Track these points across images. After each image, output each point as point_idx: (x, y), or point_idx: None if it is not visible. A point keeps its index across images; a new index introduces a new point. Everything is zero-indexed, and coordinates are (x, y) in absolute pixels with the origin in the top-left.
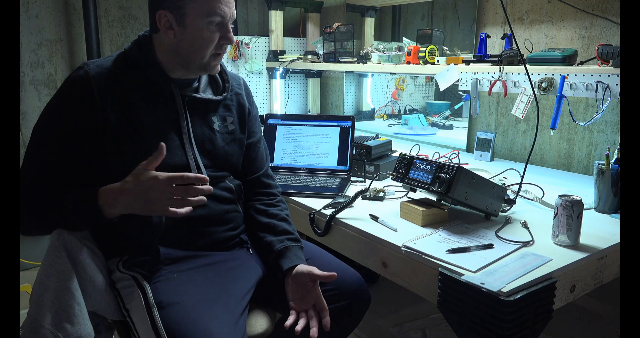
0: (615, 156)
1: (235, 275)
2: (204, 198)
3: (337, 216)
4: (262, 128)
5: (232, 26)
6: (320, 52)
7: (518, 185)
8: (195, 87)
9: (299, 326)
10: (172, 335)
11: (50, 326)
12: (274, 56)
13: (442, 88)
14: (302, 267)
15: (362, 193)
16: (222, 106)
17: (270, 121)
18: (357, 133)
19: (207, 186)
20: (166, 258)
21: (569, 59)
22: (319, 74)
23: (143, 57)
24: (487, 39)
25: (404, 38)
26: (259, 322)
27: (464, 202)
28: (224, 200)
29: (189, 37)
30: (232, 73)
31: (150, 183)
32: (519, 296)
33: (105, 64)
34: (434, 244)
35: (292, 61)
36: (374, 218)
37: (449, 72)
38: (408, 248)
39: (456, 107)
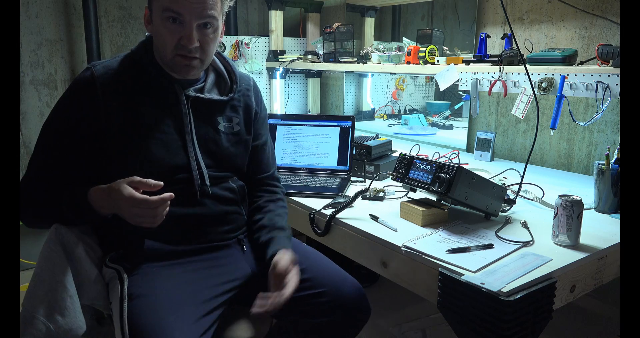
0: (615, 156)
1: (216, 274)
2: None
3: (337, 216)
4: None
5: (211, 28)
6: (320, 52)
7: (518, 185)
8: (200, 88)
9: (254, 309)
10: (132, 326)
11: (43, 317)
12: (274, 56)
13: (442, 88)
14: (277, 256)
15: (362, 193)
16: (229, 106)
17: (270, 121)
18: (357, 133)
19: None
20: (151, 252)
21: (569, 59)
22: (319, 74)
23: (147, 57)
24: (487, 39)
25: (404, 38)
26: (243, 326)
27: (464, 202)
28: (225, 201)
29: (154, 33)
30: (243, 74)
31: (118, 201)
32: (519, 296)
33: (112, 65)
34: (434, 244)
35: (292, 61)
36: (374, 218)
37: (449, 72)
38: (408, 248)
39: (456, 107)
